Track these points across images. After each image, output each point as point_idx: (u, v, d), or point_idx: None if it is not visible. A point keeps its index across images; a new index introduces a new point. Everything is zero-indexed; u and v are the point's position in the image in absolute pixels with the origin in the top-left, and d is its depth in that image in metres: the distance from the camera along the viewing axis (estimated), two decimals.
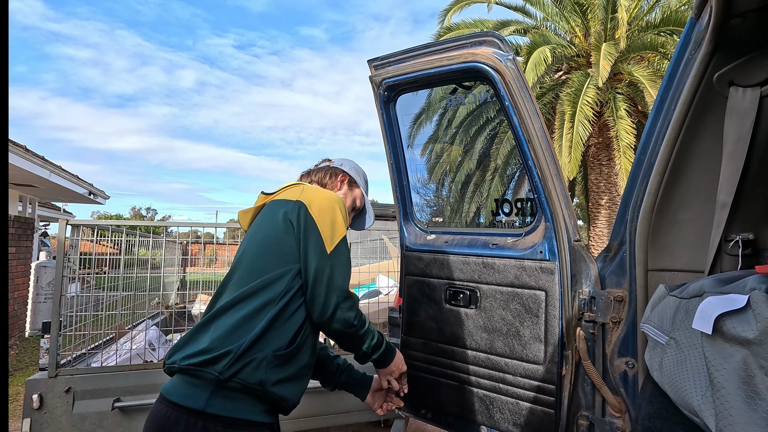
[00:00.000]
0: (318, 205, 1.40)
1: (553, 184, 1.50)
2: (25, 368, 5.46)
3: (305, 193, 1.44)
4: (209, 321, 1.30)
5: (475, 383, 1.71)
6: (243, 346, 1.22)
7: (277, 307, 1.30)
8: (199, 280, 3.66)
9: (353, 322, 1.38)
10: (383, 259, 4.41)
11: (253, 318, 1.27)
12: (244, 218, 1.57)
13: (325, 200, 1.43)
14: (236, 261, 1.43)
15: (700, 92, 1.19)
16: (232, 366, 1.20)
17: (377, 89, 1.86)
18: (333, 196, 1.47)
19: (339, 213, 1.43)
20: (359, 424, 3.38)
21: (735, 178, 1.15)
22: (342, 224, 1.43)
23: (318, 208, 1.40)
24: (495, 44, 1.53)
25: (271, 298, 1.30)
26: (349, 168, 1.76)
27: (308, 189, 1.47)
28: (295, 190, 1.47)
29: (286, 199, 1.44)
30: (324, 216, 1.40)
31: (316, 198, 1.43)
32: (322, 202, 1.42)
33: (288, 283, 1.34)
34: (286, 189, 1.52)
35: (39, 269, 6.90)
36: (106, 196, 11.95)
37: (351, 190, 1.73)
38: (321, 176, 1.70)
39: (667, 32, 9.29)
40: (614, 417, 1.42)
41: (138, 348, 2.85)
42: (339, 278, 1.37)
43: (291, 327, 1.32)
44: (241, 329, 1.25)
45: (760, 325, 0.80)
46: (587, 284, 1.48)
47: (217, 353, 1.21)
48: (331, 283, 1.35)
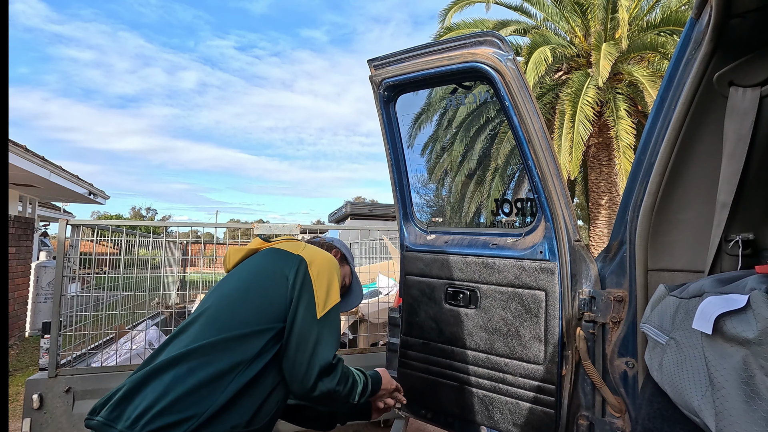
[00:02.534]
0: (318, 266, 1.35)
1: (553, 184, 1.50)
2: (25, 368, 5.46)
3: (307, 249, 1.40)
4: (171, 365, 1.12)
5: (475, 383, 1.70)
6: (206, 415, 1.07)
7: (248, 372, 1.16)
8: (199, 280, 3.66)
9: (336, 389, 1.29)
10: (383, 259, 4.41)
11: (221, 379, 1.12)
12: (234, 256, 1.47)
13: (325, 262, 1.38)
14: (211, 299, 1.30)
15: (700, 92, 1.19)
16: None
17: (377, 89, 1.86)
18: (333, 260, 1.43)
19: (336, 279, 1.39)
20: (359, 424, 3.38)
21: (735, 178, 1.15)
22: (337, 291, 1.37)
23: (317, 269, 1.34)
24: (495, 44, 1.53)
25: (244, 358, 1.16)
26: (340, 245, 1.74)
27: (310, 247, 1.44)
28: (296, 244, 1.44)
29: (287, 251, 1.39)
30: (322, 278, 1.33)
31: (318, 258, 1.38)
32: (323, 264, 1.37)
33: (265, 344, 1.21)
34: (285, 241, 1.49)
35: (39, 269, 6.91)
36: (106, 196, 11.95)
37: (342, 267, 1.65)
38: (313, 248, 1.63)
39: (667, 32, 9.29)
40: (614, 417, 1.42)
41: (138, 348, 2.85)
42: (325, 348, 1.26)
43: (257, 398, 1.19)
44: (206, 389, 1.10)
45: (760, 325, 0.80)
46: (587, 284, 1.48)
47: (179, 417, 1.04)
48: (315, 353, 1.24)
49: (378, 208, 7.35)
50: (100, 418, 1.08)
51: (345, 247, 1.76)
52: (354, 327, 3.60)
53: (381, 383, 1.59)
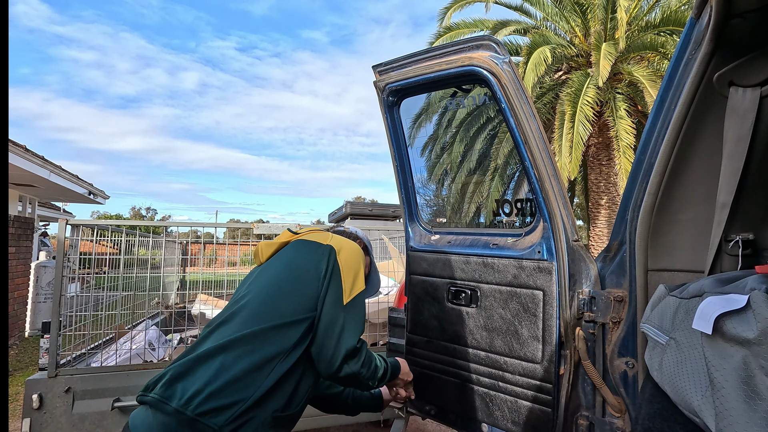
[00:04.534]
0: (346, 254, 1.43)
1: (550, 185, 1.50)
2: (25, 368, 5.46)
3: (335, 239, 1.47)
4: (218, 351, 1.19)
5: (475, 381, 1.71)
6: (251, 400, 1.16)
7: (287, 361, 1.25)
8: (199, 280, 3.66)
9: (360, 371, 1.39)
10: (383, 259, 4.41)
11: (264, 367, 1.21)
12: (266, 250, 1.53)
13: (352, 251, 1.46)
14: (251, 292, 1.36)
15: (700, 92, 1.19)
16: (235, 421, 1.12)
17: (381, 94, 1.89)
18: (359, 249, 1.50)
19: (362, 267, 1.46)
20: (359, 424, 3.38)
21: (735, 178, 1.15)
22: (362, 279, 1.44)
23: (346, 257, 1.42)
24: (491, 48, 1.54)
25: (283, 348, 1.24)
26: (362, 236, 1.79)
27: (337, 237, 1.50)
28: (323, 235, 1.50)
29: (317, 241, 1.46)
30: (349, 266, 1.41)
31: (346, 246, 1.45)
32: (350, 253, 1.44)
33: (302, 334, 1.29)
34: (313, 232, 1.54)
35: (39, 269, 6.90)
36: (105, 196, 11.95)
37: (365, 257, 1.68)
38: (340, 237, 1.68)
39: (667, 32, 9.29)
40: (614, 417, 1.42)
41: (138, 348, 2.86)
42: (350, 333, 1.34)
43: (292, 384, 1.28)
44: (250, 377, 1.18)
45: (760, 325, 0.80)
46: (587, 284, 1.48)
47: (225, 402, 1.12)
48: (342, 338, 1.32)
49: (378, 208, 7.34)
50: (155, 395, 1.15)
51: (366, 238, 1.81)
52: None
53: (399, 371, 1.71)
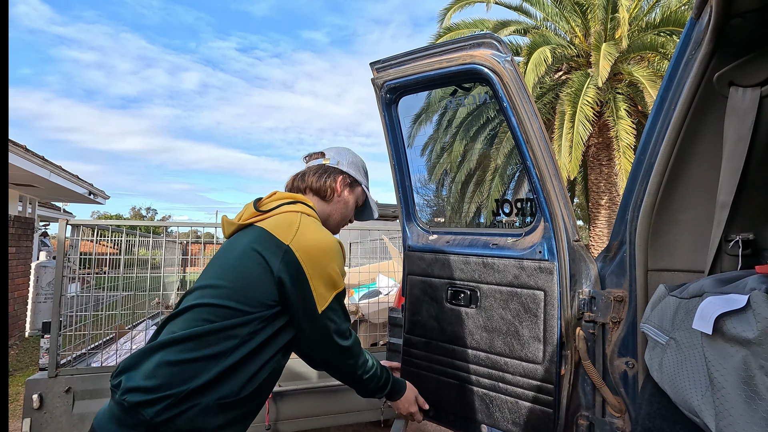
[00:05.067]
0: (312, 258, 1.23)
1: (551, 184, 1.50)
2: (25, 368, 5.46)
3: (300, 234, 1.25)
4: (161, 347, 1.15)
5: (475, 382, 1.71)
6: (186, 391, 1.09)
7: (232, 357, 1.16)
8: None
9: (353, 370, 1.41)
10: (383, 259, 4.41)
11: (206, 363, 1.13)
12: (227, 228, 1.40)
13: (320, 252, 1.25)
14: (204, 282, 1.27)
15: (700, 92, 1.19)
16: (167, 410, 1.07)
17: (379, 92, 1.87)
18: (330, 244, 1.28)
19: (336, 266, 1.27)
20: (359, 424, 3.38)
21: (735, 178, 1.15)
22: (339, 279, 1.29)
23: (312, 262, 1.23)
24: (493, 46, 1.53)
25: (228, 347, 1.16)
26: (348, 165, 1.55)
27: (304, 227, 1.27)
28: (289, 223, 1.28)
29: (276, 236, 1.24)
30: (317, 270, 1.24)
31: (311, 247, 1.24)
32: (318, 256, 1.24)
33: (250, 330, 1.19)
34: (280, 214, 1.33)
35: (39, 269, 6.91)
36: (106, 196, 11.95)
37: (352, 192, 1.55)
38: (317, 183, 1.49)
39: (667, 32, 9.30)
40: (614, 417, 1.42)
41: (138, 348, 2.85)
42: (333, 333, 1.30)
43: (246, 373, 1.18)
44: (188, 371, 1.12)
45: (760, 325, 0.80)
46: (587, 284, 1.48)
47: (157, 395, 1.08)
48: (327, 339, 1.30)
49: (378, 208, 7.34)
50: (110, 381, 1.18)
51: (354, 165, 1.57)
52: (354, 327, 3.60)
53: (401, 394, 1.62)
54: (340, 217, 1.55)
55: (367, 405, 2.84)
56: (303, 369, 2.81)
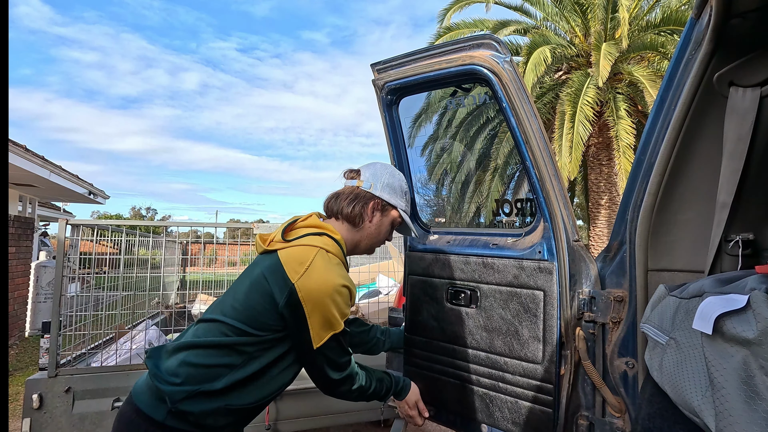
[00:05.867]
0: (313, 302, 1.28)
1: (551, 185, 1.50)
2: (25, 368, 5.46)
3: (307, 273, 1.29)
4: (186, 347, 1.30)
5: (475, 381, 1.71)
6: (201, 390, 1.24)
7: (244, 371, 1.29)
8: (199, 279, 3.66)
9: (348, 395, 1.50)
10: (383, 259, 4.41)
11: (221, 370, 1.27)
12: (258, 249, 1.46)
13: (322, 295, 1.28)
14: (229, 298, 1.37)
15: (700, 92, 1.19)
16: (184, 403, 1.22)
17: (380, 92, 1.87)
18: (334, 288, 1.30)
19: (335, 309, 1.31)
20: (359, 424, 3.38)
21: (735, 178, 1.15)
22: (337, 321, 1.32)
23: (312, 305, 1.28)
24: (492, 46, 1.53)
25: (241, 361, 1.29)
26: (383, 188, 1.51)
27: (314, 266, 1.31)
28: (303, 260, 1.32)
29: (285, 271, 1.30)
30: (316, 312, 1.29)
31: (314, 289, 1.28)
32: (319, 298, 1.28)
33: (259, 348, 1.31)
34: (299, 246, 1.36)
35: (39, 269, 6.90)
36: (106, 196, 11.95)
37: (385, 216, 1.54)
38: (347, 209, 1.49)
39: (667, 32, 9.30)
40: (614, 417, 1.42)
41: (138, 348, 2.85)
42: (326, 366, 1.38)
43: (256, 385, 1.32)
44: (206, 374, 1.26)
45: (760, 325, 0.80)
46: (587, 284, 1.48)
47: (177, 389, 1.23)
48: (319, 371, 1.39)
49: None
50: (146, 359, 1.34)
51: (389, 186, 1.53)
52: None
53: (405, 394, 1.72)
54: (371, 241, 1.57)
55: (367, 405, 2.84)
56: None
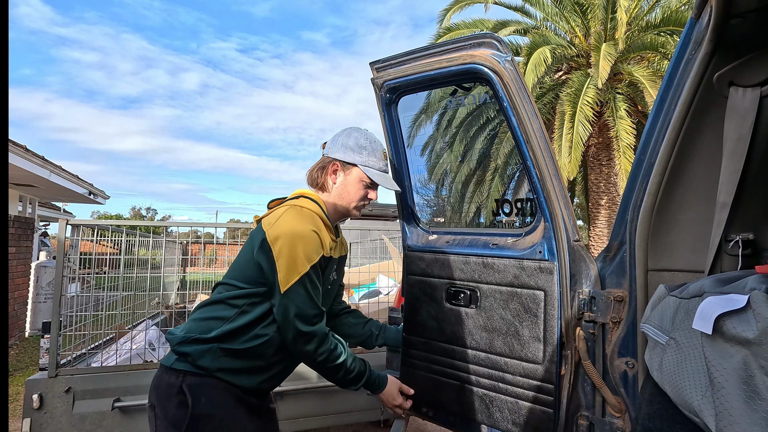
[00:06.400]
0: (280, 243, 1.40)
1: (551, 185, 1.50)
2: (25, 368, 5.46)
3: (278, 222, 1.44)
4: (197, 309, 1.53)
5: (475, 382, 1.71)
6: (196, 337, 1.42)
7: (234, 323, 1.44)
8: (199, 280, 3.66)
9: (313, 356, 1.48)
10: (383, 259, 4.41)
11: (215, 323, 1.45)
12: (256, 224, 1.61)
13: (287, 237, 1.41)
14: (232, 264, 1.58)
15: (700, 92, 1.19)
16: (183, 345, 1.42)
17: (379, 91, 1.87)
18: (301, 231, 1.42)
19: (299, 250, 1.40)
20: (359, 424, 3.38)
21: (735, 178, 1.15)
22: (302, 262, 1.40)
23: (279, 246, 1.40)
24: (493, 45, 1.53)
25: (231, 314, 1.45)
26: (337, 149, 1.61)
27: (285, 218, 1.45)
28: (277, 215, 1.47)
29: (262, 227, 1.47)
30: (282, 254, 1.40)
31: (282, 233, 1.41)
32: (284, 240, 1.40)
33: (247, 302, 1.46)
34: (275, 209, 1.55)
35: (39, 269, 6.90)
36: (106, 196, 11.94)
37: (347, 175, 1.60)
38: (312, 178, 1.64)
39: (667, 32, 9.29)
40: (614, 417, 1.42)
41: (138, 348, 2.85)
42: (294, 316, 1.42)
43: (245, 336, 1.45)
44: (203, 326, 1.44)
45: (760, 325, 0.80)
46: (587, 284, 1.48)
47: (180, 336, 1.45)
48: (287, 320, 1.42)
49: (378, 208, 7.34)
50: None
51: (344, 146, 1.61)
52: None
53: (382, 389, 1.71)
54: (345, 201, 1.62)
55: (367, 405, 2.84)
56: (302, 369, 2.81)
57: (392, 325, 2.00)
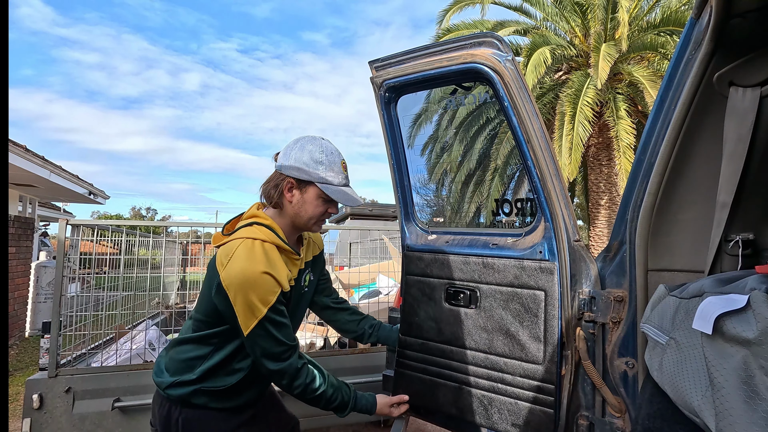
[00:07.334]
0: (233, 291, 1.35)
1: (552, 185, 1.50)
2: (25, 368, 5.46)
3: (230, 264, 1.36)
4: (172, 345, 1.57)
5: (473, 383, 1.70)
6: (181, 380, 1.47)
7: (212, 360, 1.48)
8: (199, 280, 3.66)
9: (290, 390, 1.49)
10: (383, 259, 4.41)
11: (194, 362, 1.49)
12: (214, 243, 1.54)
13: (239, 286, 1.34)
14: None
15: (700, 92, 1.19)
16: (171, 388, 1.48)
17: (378, 90, 1.86)
18: (252, 275, 1.34)
19: (253, 296, 1.35)
20: (359, 424, 3.38)
21: (735, 178, 1.15)
22: (257, 307, 1.36)
23: (233, 294, 1.35)
24: (494, 45, 1.53)
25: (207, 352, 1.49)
26: (291, 166, 1.46)
27: (236, 257, 1.36)
28: (228, 252, 1.39)
29: (216, 265, 1.40)
30: (237, 302, 1.35)
31: (233, 281, 1.34)
32: (237, 289, 1.34)
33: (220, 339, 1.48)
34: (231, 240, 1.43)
35: (39, 269, 6.90)
36: (106, 196, 11.94)
37: (304, 193, 1.48)
38: (266, 194, 1.52)
39: (667, 32, 9.29)
40: (614, 417, 1.42)
41: (138, 348, 2.85)
42: (261, 356, 1.43)
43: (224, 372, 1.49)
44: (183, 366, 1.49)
45: (760, 325, 0.80)
46: (587, 284, 1.48)
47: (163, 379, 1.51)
48: (256, 358, 1.44)
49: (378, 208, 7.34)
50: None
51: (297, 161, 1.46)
52: None
53: (374, 409, 1.72)
54: (305, 217, 1.50)
55: None
56: None
57: (388, 324, 2.00)
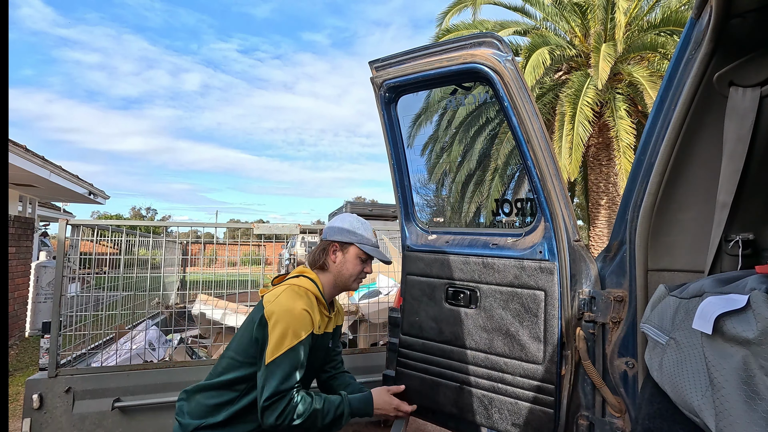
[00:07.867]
0: (274, 319, 1.53)
1: (552, 185, 1.50)
2: (25, 368, 5.46)
3: (276, 300, 1.58)
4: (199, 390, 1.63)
5: (474, 383, 1.70)
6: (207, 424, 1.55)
7: (237, 405, 1.58)
8: (199, 280, 3.66)
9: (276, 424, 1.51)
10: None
11: (221, 408, 1.58)
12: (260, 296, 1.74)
13: (280, 314, 1.54)
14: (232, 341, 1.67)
15: (700, 92, 1.19)
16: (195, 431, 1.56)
17: (378, 90, 1.87)
18: (290, 309, 1.55)
19: (290, 326, 1.53)
20: (359, 423, 3.38)
21: (735, 178, 1.15)
22: (290, 339, 1.52)
23: (275, 321, 1.53)
24: (494, 45, 1.53)
25: (234, 397, 1.59)
26: (334, 234, 1.78)
27: (282, 296, 1.59)
28: (277, 293, 1.61)
29: (264, 301, 1.61)
30: (276, 329, 1.52)
31: (278, 310, 1.55)
32: (278, 316, 1.54)
33: (248, 384, 1.58)
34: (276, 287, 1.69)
35: (39, 269, 6.90)
36: (106, 196, 11.94)
37: (346, 254, 1.77)
38: (313, 259, 1.79)
39: (667, 32, 9.29)
40: (614, 417, 1.42)
41: (138, 348, 2.85)
42: (268, 387, 1.49)
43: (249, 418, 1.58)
44: (211, 411, 1.58)
45: (760, 325, 0.80)
46: (587, 284, 1.48)
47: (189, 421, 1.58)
48: (261, 392, 1.50)
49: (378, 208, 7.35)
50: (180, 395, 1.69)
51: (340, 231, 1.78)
52: (354, 327, 3.60)
53: (372, 406, 1.72)
54: (346, 276, 1.77)
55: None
56: None
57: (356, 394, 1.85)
